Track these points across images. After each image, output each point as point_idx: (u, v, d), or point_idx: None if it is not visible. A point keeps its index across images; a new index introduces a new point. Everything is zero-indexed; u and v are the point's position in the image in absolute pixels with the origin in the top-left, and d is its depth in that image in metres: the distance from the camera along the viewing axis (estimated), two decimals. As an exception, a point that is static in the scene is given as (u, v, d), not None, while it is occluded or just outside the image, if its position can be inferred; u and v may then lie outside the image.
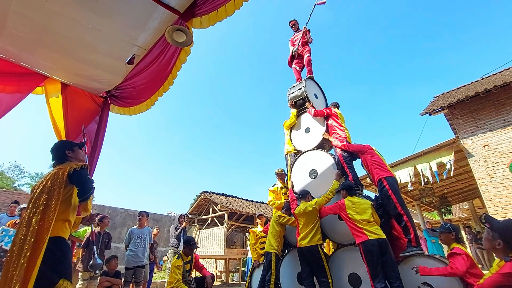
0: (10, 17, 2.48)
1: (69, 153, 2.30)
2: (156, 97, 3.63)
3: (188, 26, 2.64)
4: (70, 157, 2.30)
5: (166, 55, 3.06)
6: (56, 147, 2.33)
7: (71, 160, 2.28)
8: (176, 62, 3.15)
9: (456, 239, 2.77)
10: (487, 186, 6.58)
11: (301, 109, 5.29)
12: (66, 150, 2.31)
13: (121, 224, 15.15)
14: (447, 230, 2.88)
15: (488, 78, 8.08)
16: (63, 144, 2.43)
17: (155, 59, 3.11)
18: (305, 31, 6.04)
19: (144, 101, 3.73)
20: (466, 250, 2.69)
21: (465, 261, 2.57)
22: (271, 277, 3.70)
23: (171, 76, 3.31)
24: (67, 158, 2.28)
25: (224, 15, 2.55)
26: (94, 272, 4.36)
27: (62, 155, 2.28)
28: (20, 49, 2.92)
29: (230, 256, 11.63)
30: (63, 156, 2.28)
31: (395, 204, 3.35)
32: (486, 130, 6.90)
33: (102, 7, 2.48)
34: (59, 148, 2.33)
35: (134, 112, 3.92)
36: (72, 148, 2.35)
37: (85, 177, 2.14)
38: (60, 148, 2.32)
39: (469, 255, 2.65)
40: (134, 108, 3.88)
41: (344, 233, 3.76)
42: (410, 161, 7.75)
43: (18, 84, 3.18)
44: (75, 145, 2.41)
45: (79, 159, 2.37)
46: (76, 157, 2.34)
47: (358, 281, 3.38)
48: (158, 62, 3.12)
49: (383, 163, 3.72)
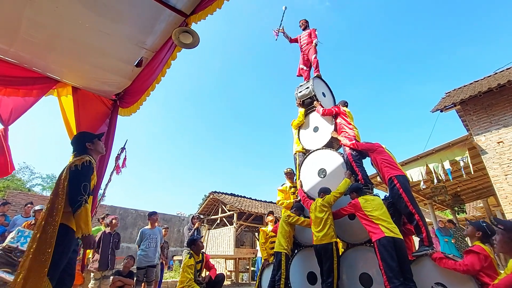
0: (24, 24, 2.56)
1: (89, 145, 2.37)
2: (145, 97, 3.63)
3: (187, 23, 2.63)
4: (90, 149, 2.37)
5: (164, 55, 3.05)
6: (77, 139, 2.41)
7: (91, 152, 2.35)
8: (168, 60, 3.13)
9: (480, 239, 2.67)
10: (502, 184, 6.39)
11: (309, 108, 5.25)
12: (87, 142, 2.37)
13: (132, 225, 15.38)
14: (476, 226, 2.77)
15: (501, 73, 7.85)
16: (84, 136, 2.48)
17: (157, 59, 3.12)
18: (310, 32, 6.02)
19: (137, 101, 3.72)
20: (489, 251, 2.55)
21: (480, 260, 2.49)
22: (281, 277, 3.68)
23: (160, 74, 3.29)
24: (87, 150, 2.35)
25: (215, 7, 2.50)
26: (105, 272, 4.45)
27: (83, 147, 2.35)
28: (33, 55, 3.00)
29: (239, 256, 11.67)
30: (83, 148, 2.34)
31: (406, 203, 3.29)
32: (500, 126, 6.70)
33: (111, 11, 2.53)
34: (80, 140, 2.40)
35: (128, 113, 3.91)
36: (92, 141, 2.41)
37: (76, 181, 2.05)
38: (81, 140, 2.39)
39: (488, 255, 2.54)
40: (129, 109, 3.87)
41: (354, 232, 3.72)
42: (422, 159, 7.59)
43: (31, 88, 3.27)
44: (95, 137, 2.48)
45: (98, 151, 2.46)
46: (95, 149, 2.42)
47: (369, 281, 3.34)
48: (158, 62, 3.13)
49: (393, 161, 3.66)
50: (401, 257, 2.89)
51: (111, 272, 4.65)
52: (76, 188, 2.02)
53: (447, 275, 2.77)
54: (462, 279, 2.64)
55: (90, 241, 2.06)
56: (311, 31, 6.04)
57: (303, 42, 6.09)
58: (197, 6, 2.55)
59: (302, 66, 5.95)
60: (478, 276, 2.50)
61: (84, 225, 1.97)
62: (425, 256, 3.03)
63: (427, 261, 3.00)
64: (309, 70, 5.90)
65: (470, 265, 2.50)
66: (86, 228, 1.99)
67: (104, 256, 4.45)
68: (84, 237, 2.01)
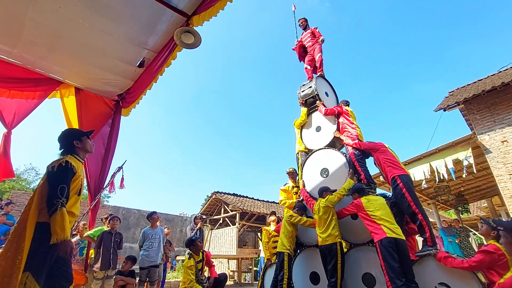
0: (27, 25, 2.58)
1: (77, 143, 2.22)
2: (141, 96, 3.63)
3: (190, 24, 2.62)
4: (78, 148, 2.22)
5: (166, 54, 3.05)
6: (64, 136, 2.24)
7: (78, 151, 2.22)
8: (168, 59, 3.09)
9: (496, 238, 2.63)
10: (506, 183, 6.34)
11: (311, 108, 5.24)
12: (74, 140, 2.22)
13: (135, 225, 15.45)
14: (490, 225, 2.74)
15: (505, 71, 7.78)
16: (72, 133, 2.32)
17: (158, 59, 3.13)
18: (312, 30, 5.99)
19: (134, 101, 3.72)
20: (503, 249, 2.46)
21: (492, 258, 2.46)
22: (284, 277, 3.68)
23: (159, 73, 3.27)
24: (74, 148, 2.20)
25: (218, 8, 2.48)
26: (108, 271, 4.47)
27: (70, 145, 2.20)
28: (36, 56, 3.02)
29: (242, 256, 11.67)
30: (71, 146, 2.20)
31: (409, 203, 3.27)
32: (505, 125, 6.64)
33: (113, 12, 2.53)
34: (67, 137, 2.24)
35: (126, 114, 3.92)
36: (80, 138, 2.26)
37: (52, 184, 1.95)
38: (68, 138, 2.23)
39: (503, 254, 2.45)
40: (127, 109, 3.88)
41: (357, 232, 3.71)
42: (425, 158, 7.54)
43: (34, 89, 3.29)
44: (84, 134, 2.32)
45: (87, 149, 2.29)
46: (83, 148, 2.26)
47: (372, 281, 3.32)
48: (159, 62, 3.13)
49: (396, 161, 3.64)
50: (402, 258, 2.87)
51: (114, 272, 4.66)
52: (52, 191, 1.91)
53: (450, 275, 2.75)
54: (465, 278, 2.62)
55: (66, 247, 1.89)
56: (313, 29, 6.01)
57: (306, 42, 6.04)
58: (199, 7, 2.55)
59: (306, 66, 5.91)
60: (487, 273, 2.47)
61: (60, 229, 1.83)
62: (429, 256, 3.01)
63: (430, 261, 2.98)
64: (312, 70, 5.87)
65: (479, 261, 2.48)
66: (62, 233, 1.84)
67: (106, 256, 4.46)
68: (59, 243, 1.83)
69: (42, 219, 1.89)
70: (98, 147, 3.60)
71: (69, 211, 2.02)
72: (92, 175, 3.53)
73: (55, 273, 1.90)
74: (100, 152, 3.65)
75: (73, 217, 2.12)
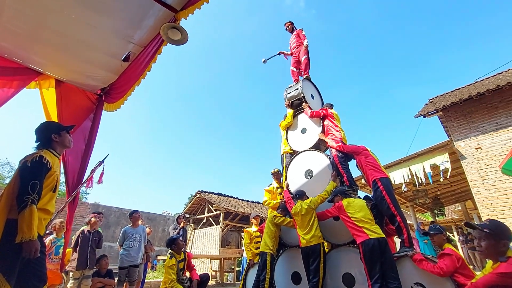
0: (5, 12, 2.45)
1: (55, 137, 2.12)
2: (130, 92, 3.54)
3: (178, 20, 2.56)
4: (56, 142, 2.13)
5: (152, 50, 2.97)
6: (42, 129, 2.13)
7: (55, 145, 2.12)
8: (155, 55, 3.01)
9: (448, 240, 2.82)
10: (479, 188, 6.67)
11: (297, 109, 5.30)
12: (53, 134, 2.12)
13: (115, 223, 15.04)
14: (439, 231, 2.92)
15: (481, 82, 8.19)
16: (51, 127, 2.21)
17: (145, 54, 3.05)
18: (298, 33, 6.08)
19: (122, 97, 3.62)
20: (457, 251, 2.74)
21: (454, 262, 2.62)
22: (266, 277, 3.70)
23: (146, 69, 3.19)
24: (51, 142, 2.10)
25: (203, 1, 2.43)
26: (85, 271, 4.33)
27: (48, 139, 2.10)
28: (15, 45, 2.88)
29: (225, 256, 11.61)
30: (48, 140, 2.10)
31: (388, 205, 3.37)
32: (479, 132, 6.99)
33: (99, 4, 2.46)
34: (46, 130, 2.13)
35: (113, 109, 3.81)
36: (59, 133, 2.16)
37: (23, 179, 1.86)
38: (46, 131, 2.13)
39: (459, 256, 2.69)
40: (114, 104, 3.76)
41: (338, 233, 3.78)
42: (405, 162, 7.82)
43: (11, 79, 3.13)
44: (63, 129, 2.21)
45: (65, 144, 2.20)
46: (61, 143, 2.16)
47: (352, 281, 3.40)
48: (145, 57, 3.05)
49: (377, 164, 3.75)
50: (385, 256, 2.97)
51: (92, 271, 4.52)
52: (23, 187, 1.81)
53: (426, 276, 2.86)
54: (440, 279, 2.74)
55: (31, 248, 1.74)
56: (298, 31, 6.11)
57: (292, 44, 6.14)
58: (188, 1, 2.52)
59: (292, 68, 6.00)
60: (454, 277, 2.61)
61: (26, 228, 1.72)
62: (406, 257, 3.12)
63: (407, 262, 3.09)
64: (298, 72, 5.96)
65: (446, 268, 2.62)
66: (29, 232, 1.72)
67: (83, 255, 4.32)
68: (24, 243, 1.71)
69: (12, 216, 1.80)
70: (79, 142, 3.47)
71: (43, 209, 1.94)
72: (71, 170, 3.40)
73: (27, 273, 1.80)
74: (80, 147, 3.52)
75: (48, 215, 2.04)
